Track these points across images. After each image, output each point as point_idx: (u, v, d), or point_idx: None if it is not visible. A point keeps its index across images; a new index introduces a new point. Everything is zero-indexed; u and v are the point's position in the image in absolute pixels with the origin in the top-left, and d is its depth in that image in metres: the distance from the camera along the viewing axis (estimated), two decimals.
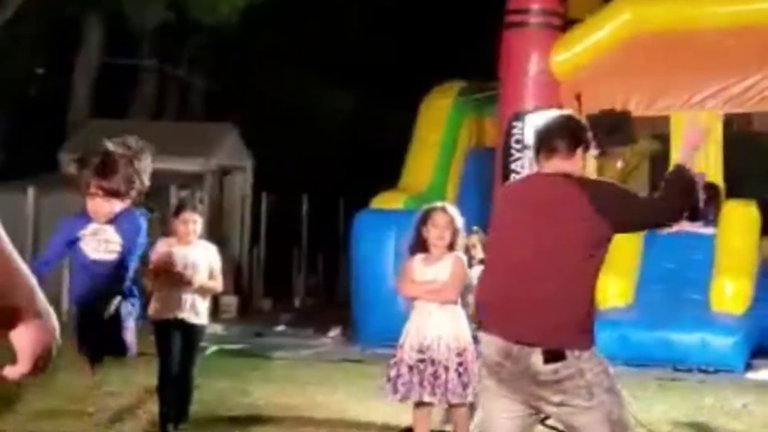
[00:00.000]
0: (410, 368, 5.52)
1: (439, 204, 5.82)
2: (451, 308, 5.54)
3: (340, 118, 19.18)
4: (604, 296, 11.05)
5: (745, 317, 10.41)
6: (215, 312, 11.50)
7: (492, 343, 3.79)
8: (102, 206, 5.23)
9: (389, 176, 13.91)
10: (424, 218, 5.62)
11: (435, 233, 5.56)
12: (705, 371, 9.83)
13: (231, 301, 14.13)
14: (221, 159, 15.73)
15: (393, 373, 5.60)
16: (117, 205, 5.23)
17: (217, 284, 6.67)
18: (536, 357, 3.68)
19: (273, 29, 18.44)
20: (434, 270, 5.57)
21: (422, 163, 13.91)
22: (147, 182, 5.27)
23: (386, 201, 12.77)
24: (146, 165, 5.26)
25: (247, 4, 16.36)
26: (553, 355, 3.69)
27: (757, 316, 10.61)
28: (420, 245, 5.64)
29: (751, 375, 9.81)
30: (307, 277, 17.59)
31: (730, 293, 10.56)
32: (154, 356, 6.55)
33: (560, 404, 3.72)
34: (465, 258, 5.66)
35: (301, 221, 17.62)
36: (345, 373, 9.60)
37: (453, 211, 5.69)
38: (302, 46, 18.64)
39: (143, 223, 5.36)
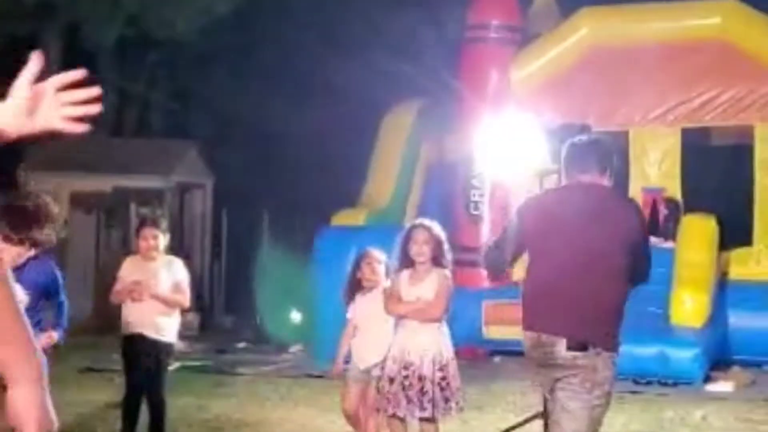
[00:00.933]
0: (391, 380, 5.57)
1: (420, 220, 5.92)
2: (436, 324, 5.61)
3: (300, 134, 19.17)
4: None
5: (703, 330, 10.52)
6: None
7: (527, 338, 4.40)
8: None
9: (350, 193, 13.91)
10: (407, 235, 5.72)
11: (415, 249, 5.64)
12: (665, 384, 9.90)
13: (193, 318, 14.02)
14: (181, 176, 15.64)
15: (378, 385, 5.70)
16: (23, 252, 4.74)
17: (183, 298, 6.63)
18: (561, 345, 4.20)
19: (233, 46, 18.40)
20: (419, 288, 5.67)
21: (383, 179, 13.92)
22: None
23: (347, 217, 12.77)
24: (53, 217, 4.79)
25: (207, 21, 16.32)
26: (576, 344, 4.17)
27: (716, 328, 10.73)
28: (405, 262, 5.74)
29: (710, 387, 9.89)
30: None
31: (688, 306, 10.66)
32: (119, 373, 6.50)
33: (564, 387, 4.23)
34: (449, 275, 5.72)
35: (261, 238, 17.54)
36: (306, 388, 9.59)
37: (433, 226, 5.76)
38: (262, 63, 18.62)
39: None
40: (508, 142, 6.50)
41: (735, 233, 11.93)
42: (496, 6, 12.82)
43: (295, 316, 13.01)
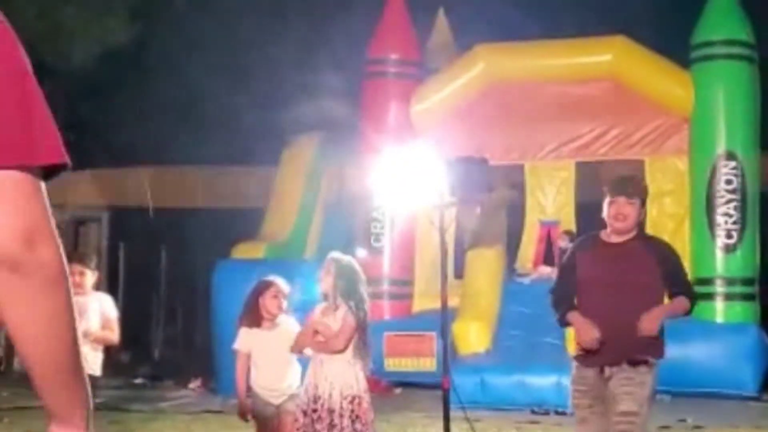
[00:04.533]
0: (305, 413, 5.55)
1: (332, 253, 5.92)
2: (344, 356, 5.58)
3: (198, 168, 19.00)
4: (464, 342, 11.24)
5: None
6: None
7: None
8: None
9: (250, 226, 13.82)
10: (324, 268, 5.75)
11: (320, 283, 5.70)
12: (562, 413, 10.05)
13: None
14: (76, 208, 15.34)
15: (294, 418, 5.64)
16: None
17: (112, 335, 6.49)
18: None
19: (131, 77, 18.18)
20: (329, 319, 5.65)
21: (283, 212, 13.89)
22: None
23: (247, 250, 12.68)
24: None
25: (103, 51, 16.10)
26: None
27: None
28: (321, 294, 5.80)
29: None
30: (166, 328, 17.24)
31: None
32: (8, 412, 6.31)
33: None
34: (362, 309, 5.71)
35: (159, 271, 17.30)
36: (205, 424, 9.44)
37: (341, 258, 5.77)
38: (161, 94, 18.43)
39: None
40: (408, 175, 6.56)
41: None
42: (394, 41, 12.97)
43: None
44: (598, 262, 5.13)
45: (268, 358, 6.05)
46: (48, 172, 1.54)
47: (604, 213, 5.21)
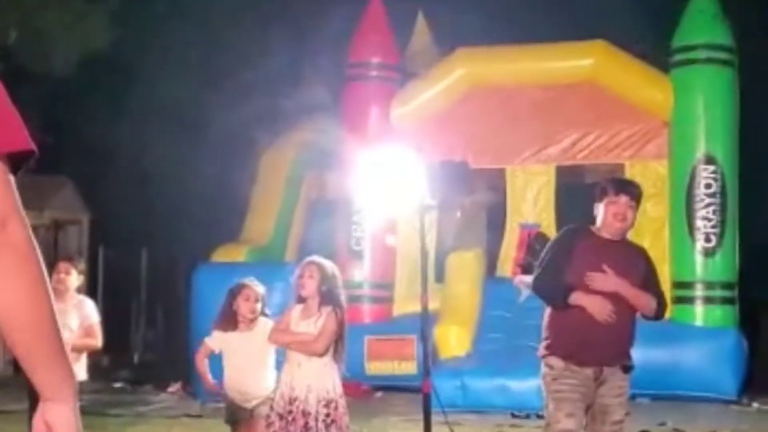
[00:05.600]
0: (280, 416, 5.52)
1: (311, 257, 5.89)
2: (321, 360, 5.56)
3: (179, 171, 18.95)
4: (444, 345, 11.25)
5: None
6: None
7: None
8: None
9: (230, 229, 13.79)
10: (299, 271, 5.73)
11: (300, 283, 5.65)
12: (542, 417, 10.04)
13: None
14: (55, 212, 15.27)
15: (268, 421, 5.60)
16: None
17: (94, 341, 6.44)
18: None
19: (111, 81, 18.10)
20: (308, 323, 5.62)
21: (264, 215, 13.86)
22: None
23: (227, 254, 12.64)
24: None
25: (83, 56, 16.03)
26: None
27: None
28: (297, 297, 5.73)
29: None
30: (145, 332, 17.17)
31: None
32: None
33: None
34: (338, 312, 5.68)
35: (139, 275, 17.23)
36: (185, 428, 9.42)
37: (324, 262, 5.75)
38: (141, 99, 18.36)
39: None
40: (389, 179, 6.55)
41: None
42: (375, 45, 12.98)
43: None
44: (599, 255, 5.08)
45: (243, 361, 6.03)
46: (18, 161, 1.63)
47: (598, 211, 5.18)
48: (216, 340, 6.08)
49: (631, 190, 5.22)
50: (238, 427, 6.13)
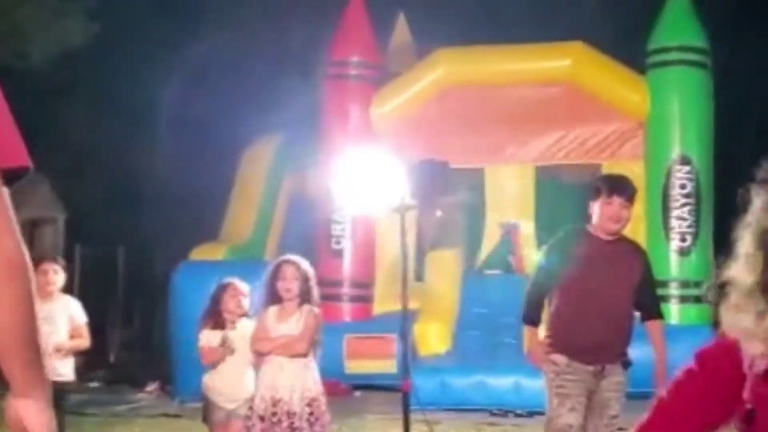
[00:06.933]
0: (262, 418, 5.50)
1: (287, 256, 5.87)
2: (303, 360, 5.57)
3: (159, 169, 18.88)
4: (424, 344, 11.29)
5: None
6: None
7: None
8: None
9: (209, 228, 13.76)
10: (275, 271, 5.67)
11: (283, 285, 5.61)
12: (520, 415, 10.12)
13: None
14: (31, 211, 15.17)
15: (248, 424, 5.58)
16: None
17: (82, 341, 6.43)
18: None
19: (89, 79, 18.02)
20: (286, 325, 5.61)
21: (243, 214, 13.85)
22: None
23: (206, 252, 12.62)
24: None
25: (61, 53, 15.94)
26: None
27: None
28: (272, 298, 5.68)
29: None
30: (122, 331, 17.10)
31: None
32: None
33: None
34: (317, 311, 5.68)
35: (116, 273, 17.16)
36: (162, 428, 9.40)
37: (301, 262, 5.74)
38: (119, 96, 18.28)
39: None
40: (368, 178, 6.57)
41: None
42: (355, 44, 12.98)
43: None
44: (594, 257, 5.18)
45: (226, 362, 6.03)
46: (11, 175, 1.69)
47: (594, 210, 5.23)
48: (206, 338, 6.08)
49: (625, 191, 5.26)
50: (215, 428, 6.14)
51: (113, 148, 17.91)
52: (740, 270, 1.39)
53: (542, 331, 5.47)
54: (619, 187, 5.31)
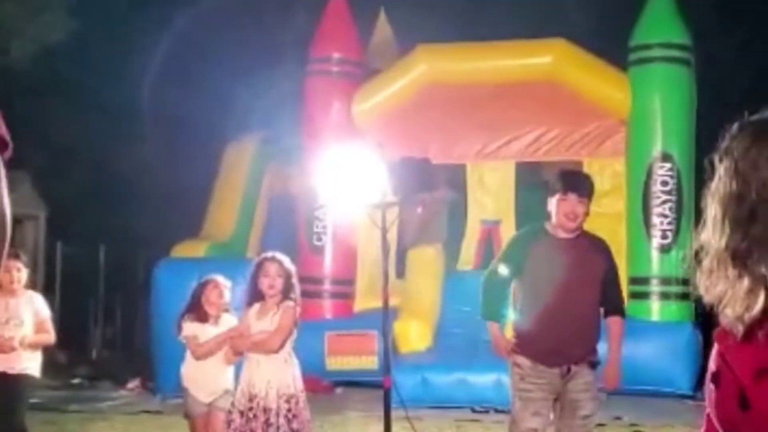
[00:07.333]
0: (241, 413, 5.52)
1: (271, 253, 5.86)
2: (281, 356, 5.56)
3: (138, 166, 18.83)
4: (405, 341, 11.29)
5: None
6: None
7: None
8: None
9: (190, 225, 13.72)
10: (258, 268, 5.66)
11: (267, 282, 5.62)
12: (501, 411, 10.13)
13: None
14: (12, 208, 15.10)
15: (229, 418, 5.60)
16: None
17: (48, 336, 6.43)
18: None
19: (69, 75, 17.93)
20: (266, 321, 5.61)
21: (225, 211, 13.82)
22: None
23: (187, 249, 12.59)
24: None
25: (41, 49, 15.87)
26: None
27: None
28: (255, 295, 5.69)
29: None
30: (104, 328, 17.05)
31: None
32: None
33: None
34: (292, 305, 5.67)
35: (98, 271, 17.10)
36: (143, 425, 9.37)
37: (284, 259, 5.74)
38: (100, 93, 18.20)
39: None
40: (350, 174, 6.57)
41: None
42: (337, 40, 12.97)
43: None
44: (553, 256, 5.10)
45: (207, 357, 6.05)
46: None
47: (551, 207, 5.17)
48: (188, 328, 6.09)
49: (580, 188, 5.15)
50: (196, 422, 6.15)
51: (94, 145, 17.83)
52: (709, 236, 1.44)
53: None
54: (574, 183, 5.21)
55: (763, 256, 1.41)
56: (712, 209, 1.46)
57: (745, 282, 1.42)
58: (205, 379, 6.04)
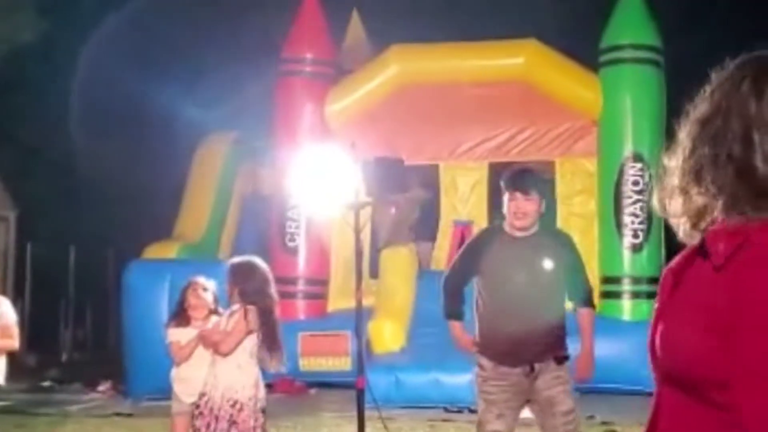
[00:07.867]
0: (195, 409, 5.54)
1: (251, 259, 5.84)
2: (235, 360, 5.52)
3: (111, 166, 18.72)
4: (378, 341, 11.29)
5: None
6: None
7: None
8: None
9: (162, 226, 13.65)
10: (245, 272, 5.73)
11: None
12: (475, 411, 10.13)
13: None
14: None
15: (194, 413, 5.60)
16: None
17: (11, 342, 6.33)
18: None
19: (38, 75, 17.79)
20: (230, 323, 5.58)
21: (196, 212, 13.75)
22: None
23: (159, 250, 12.52)
24: None
25: (9, 49, 15.74)
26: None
27: None
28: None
29: (522, 414, 10.21)
30: (74, 330, 16.92)
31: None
32: None
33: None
34: (244, 311, 5.63)
35: (68, 272, 16.97)
36: (115, 428, 9.30)
37: (231, 263, 5.79)
38: (69, 93, 18.08)
39: None
40: (323, 175, 6.56)
41: None
42: (309, 40, 12.94)
43: None
44: (506, 255, 5.07)
45: (193, 357, 6.02)
46: None
47: (504, 208, 5.16)
48: (173, 334, 6.06)
49: (525, 185, 5.11)
50: (180, 420, 6.12)
51: (64, 145, 17.70)
52: (673, 157, 1.53)
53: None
54: (520, 181, 5.16)
55: (717, 177, 1.48)
56: (682, 132, 1.56)
57: (699, 199, 1.51)
58: (190, 380, 6.02)
